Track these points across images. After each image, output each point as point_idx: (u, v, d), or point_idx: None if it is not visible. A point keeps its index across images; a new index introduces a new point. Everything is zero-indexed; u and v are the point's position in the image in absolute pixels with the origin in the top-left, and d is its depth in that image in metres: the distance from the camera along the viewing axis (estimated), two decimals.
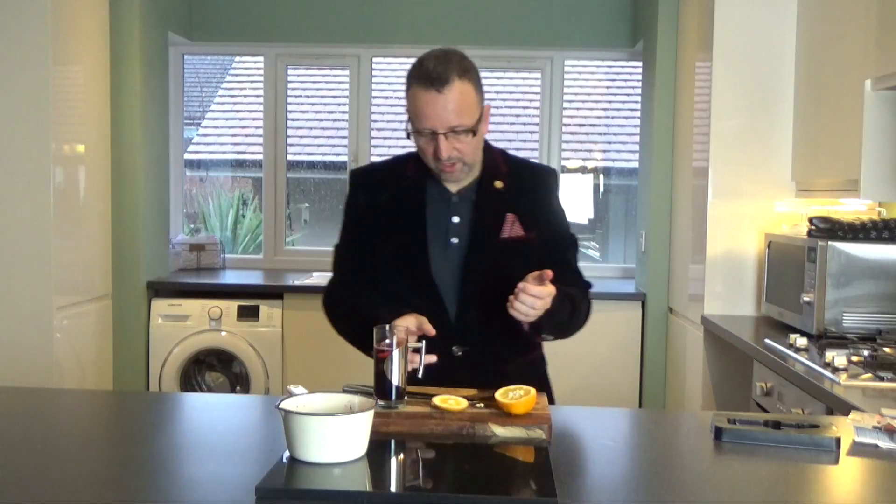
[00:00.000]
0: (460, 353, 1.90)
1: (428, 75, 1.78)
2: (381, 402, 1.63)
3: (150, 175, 4.23)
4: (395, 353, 1.64)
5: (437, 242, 1.91)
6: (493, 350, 1.93)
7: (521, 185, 1.96)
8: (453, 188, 1.94)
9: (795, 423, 1.58)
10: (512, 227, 1.91)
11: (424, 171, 1.93)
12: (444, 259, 1.91)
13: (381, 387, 1.65)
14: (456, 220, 1.92)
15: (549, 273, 1.73)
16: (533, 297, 1.71)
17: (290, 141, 4.96)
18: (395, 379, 1.64)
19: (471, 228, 1.91)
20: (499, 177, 1.94)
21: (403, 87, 1.86)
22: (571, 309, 1.87)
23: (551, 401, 1.97)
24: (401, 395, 1.65)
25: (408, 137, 1.89)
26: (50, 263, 3.41)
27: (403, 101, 1.89)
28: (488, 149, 1.97)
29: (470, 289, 1.90)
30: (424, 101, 1.79)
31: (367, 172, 2.10)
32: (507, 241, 1.91)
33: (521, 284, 1.72)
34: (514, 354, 1.97)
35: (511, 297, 1.73)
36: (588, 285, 2.00)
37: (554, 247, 1.96)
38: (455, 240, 1.91)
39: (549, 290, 1.74)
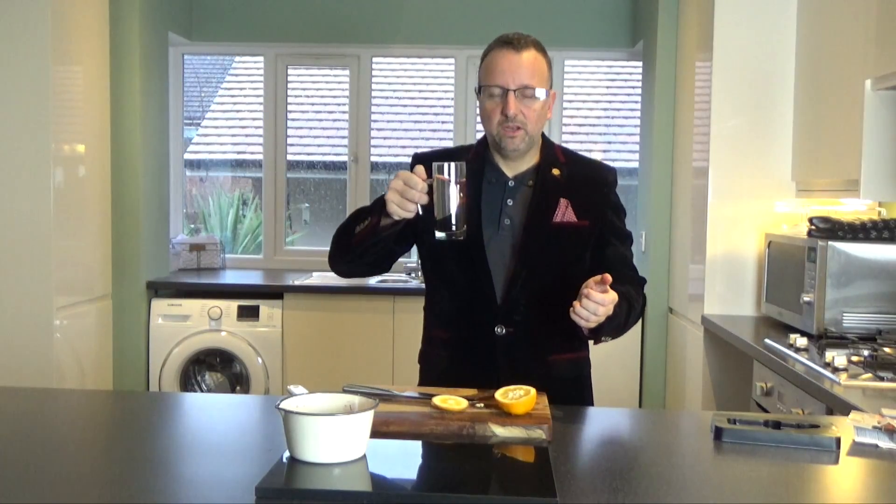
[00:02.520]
0: (503, 333, 1.93)
1: (508, 39, 1.90)
2: (440, 236, 1.75)
3: (150, 175, 4.23)
4: (454, 182, 1.72)
5: (489, 223, 1.95)
6: (536, 337, 1.95)
7: (577, 176, 1.99)
8: (510, 172, 1.97)
9: (795, 423, 1.58)
10: (565, 213, 1.94)
11: (484, 158, 1.98)
12: (495, 239, 1.94)
13: (444, 218, 1.74)
14: (510, 202, 1.96)
15: (609, 278, 1.73)
16: (596, 304, 1.72)
17: (290, 141, 4.96)
18: (454, 207, 1.73)
19: (524, 211, 1.95)
20: (556, 166, 1.98)
21: (403, 86, 1.88)
22: (629, 309, 1.88)
23: (591, 403, 2.04)
24: (460, 224, 1.74)
25: (477, 95, 1.96)
26: (50, 263, 3.41)
27: (404, 102, 1.91)
28: (549, 142, 2.02)
29: (518, 269, 1.92)
30: (500, 56, 1.89)
31: (428, 155, 2.11)
32: (560, 226, 1.93)
33: (584, 290, 1.72)
34: (557, 347, 1.99)
35: (575, 303, 1.73)
36: (642, 281, 2.02)
37: (609, 239, 1.98)
38: (507, 221, 1.95)
39: (612, 297, 1.74)
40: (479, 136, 2.09)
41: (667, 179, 4.05)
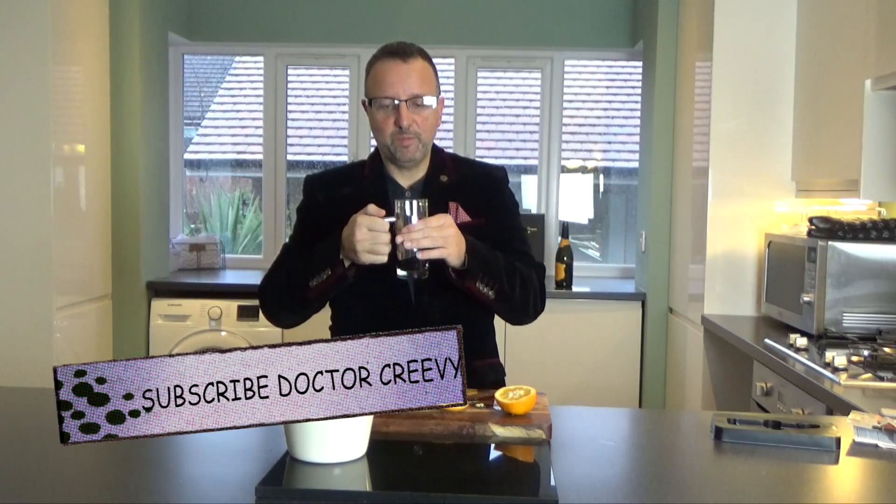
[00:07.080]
0: None
1: (393, 49, 1.91)
2: (402, 274, 1.77)
3: (150, 175, 4.23)
4: (415, 219, 1.72)
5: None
6: None
7: (465, 180, 2.03)
8: (405, 182, 2.00)
9: (795, 423, 1.58)
10: (457, 214, 1.96)
11: (380, 171, 2.00)
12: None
13: (409, 258, 1.73)
14: None
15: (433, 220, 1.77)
16: (418, 231, 1.73)
17: (290, 141, 4.96)
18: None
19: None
20: (445, 172, 2.02)
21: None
22: (510, 268, 1.90)
23: None
24: (422, 262, 1.75)
25: (365, 107, 1.95)
26: (50, 263, 3.41)
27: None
28: (437, 150, 2.05)
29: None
30: (388, 68, 1.88)
31: (324, 175, 2.14)
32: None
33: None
34: (478, 353, 2.00)
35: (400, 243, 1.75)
36: (541, 267, 2.04)
37: (505, 236, 2.01)
38: None
39: (443, 218, 1.75)
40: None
41: (667, 179, 4.05)
